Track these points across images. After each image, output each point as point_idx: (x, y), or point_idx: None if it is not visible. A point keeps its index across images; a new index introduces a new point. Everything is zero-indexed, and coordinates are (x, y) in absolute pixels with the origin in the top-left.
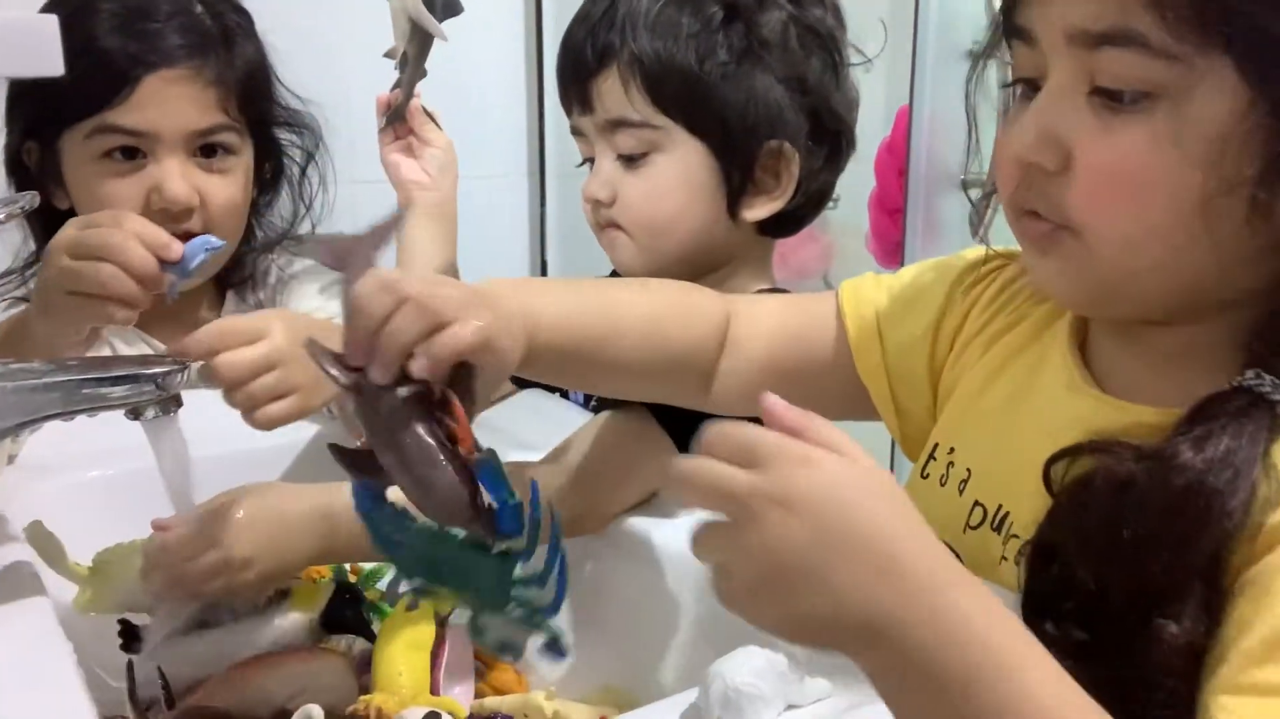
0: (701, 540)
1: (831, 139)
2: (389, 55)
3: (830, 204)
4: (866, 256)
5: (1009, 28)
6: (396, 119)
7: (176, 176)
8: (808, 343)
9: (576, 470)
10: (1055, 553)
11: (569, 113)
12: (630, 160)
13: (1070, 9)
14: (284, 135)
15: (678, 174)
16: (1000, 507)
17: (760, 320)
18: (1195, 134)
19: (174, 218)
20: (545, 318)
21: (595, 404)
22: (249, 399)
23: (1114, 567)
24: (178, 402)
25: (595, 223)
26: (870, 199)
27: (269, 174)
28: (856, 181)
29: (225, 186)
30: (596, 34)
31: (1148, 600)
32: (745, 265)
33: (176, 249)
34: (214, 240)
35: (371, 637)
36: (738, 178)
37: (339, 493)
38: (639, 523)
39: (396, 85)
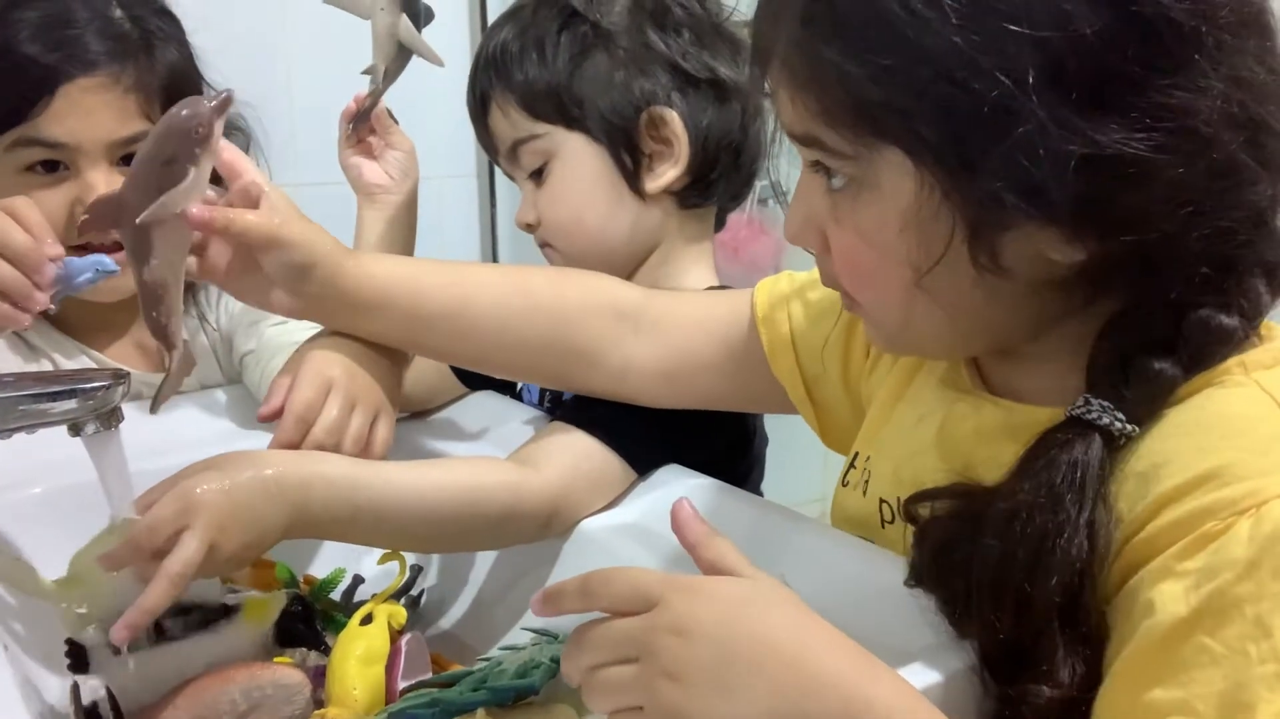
0: (605, 690)
1: (710, 87)
2: (367, 72)
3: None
4: None
5: None
6: (362, 122)
7: (100, 188)
8: (726, 340)
9: (544, 479)
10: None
11: (495, 162)
12: (538, 176)
13: (781, 111)
14: None
15: (573, 172)
16: (899, 499)
17: (681, 309)
18: (890, 217)
19: None
20: (380, 261)
21: (549, 404)
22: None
23: (973, 617)
24: (118, 416)
25: (539, 247)
26: None
27: None
28: None
29: None
30: (474, 84)
31: (1011, 653)
32: (677, 250)
33: (55, 249)
34: (106, 262)
35: (326, 649)
36: (626, 155)
37: (314, 461)
38: (598, 527)
39: (370, 94)
